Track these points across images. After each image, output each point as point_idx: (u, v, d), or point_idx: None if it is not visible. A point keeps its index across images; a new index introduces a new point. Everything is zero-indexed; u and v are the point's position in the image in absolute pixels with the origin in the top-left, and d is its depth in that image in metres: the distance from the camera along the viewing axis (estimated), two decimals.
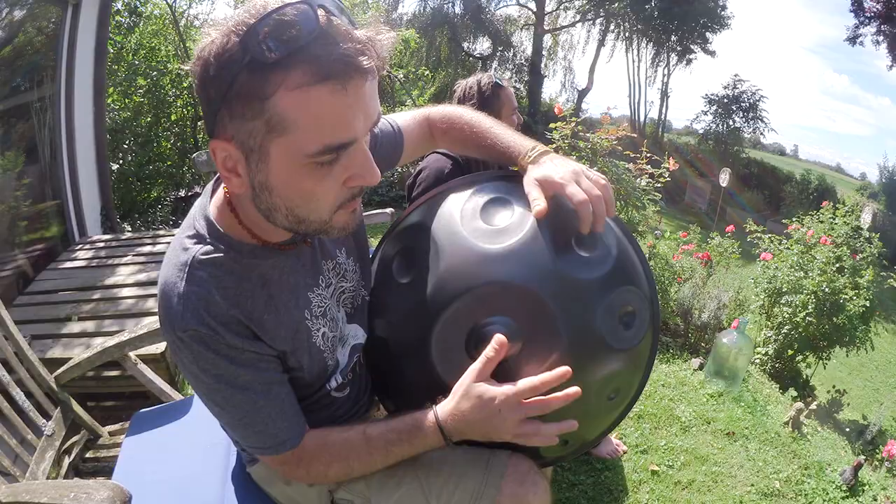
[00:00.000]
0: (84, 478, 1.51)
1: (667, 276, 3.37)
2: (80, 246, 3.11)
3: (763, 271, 3.05)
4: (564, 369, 0.80)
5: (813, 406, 2.36)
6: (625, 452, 2.08)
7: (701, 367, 2.71)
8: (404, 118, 1.10)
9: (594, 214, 0.83)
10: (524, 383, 0.79)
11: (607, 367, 0.89)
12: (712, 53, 18.07)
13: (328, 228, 0.73)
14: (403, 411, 0.86)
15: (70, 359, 1.62)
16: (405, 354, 0.94)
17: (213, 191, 0.81)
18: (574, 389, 0.80)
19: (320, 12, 0.58)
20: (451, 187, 1.01)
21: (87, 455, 1.61)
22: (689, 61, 18.29)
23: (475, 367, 0.80)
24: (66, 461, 1.56)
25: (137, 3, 6.52)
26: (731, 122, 18.21)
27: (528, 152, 0.94)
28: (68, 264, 2.81)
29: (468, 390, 0.80)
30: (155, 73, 5.92)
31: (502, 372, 0.84)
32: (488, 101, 1.92)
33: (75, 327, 2.21)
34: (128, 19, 6.42)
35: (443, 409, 0.82)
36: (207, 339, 0.73)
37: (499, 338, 0.80)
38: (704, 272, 3.46)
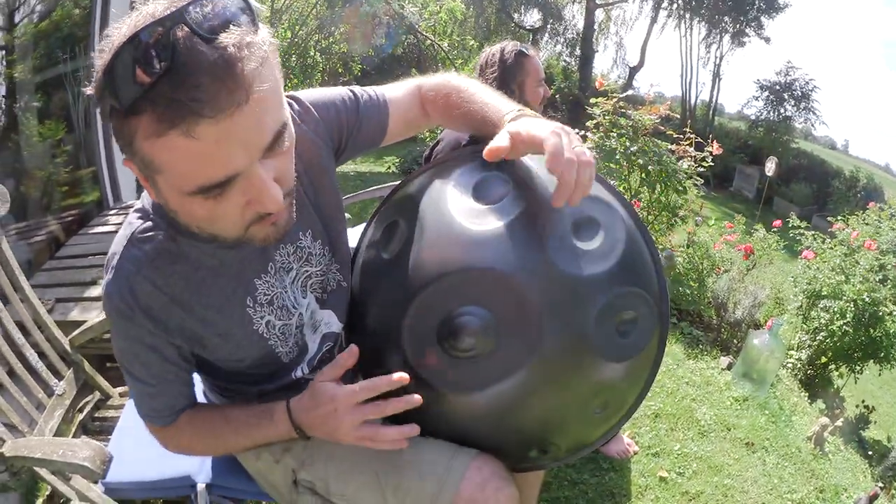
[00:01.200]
0: (90, 436, 1.62)
1: (706, 265, 3.28)
2: (114, 211, 3.26)
3: (804, 271, 2.92)
4: (400, 375, 0.78)
5: (839, 422, 2.27)
6: (635, 453, 2.04)
7: (729, 367, 2.64)
8: (394, 90, 1.04)
9: (577, 183, 0.73)
10: (362, 385, 0.79)
11: (593, 378, 0.84)
12: (767, 39, 17.61)
13: (247, 240, 0.72)
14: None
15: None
16: (379, 338, 0.90)
17: None
18: (414, 397, 0.78)
19: (175, 34, 0.54)
20: (455, 158, 0.96)
21: (97, 415, 1.71)
22: (742, 44, 17.67)
23: (328, 365, 0.83)
24: (78, 420, 1.68)
25: None
26: (782, 111, 17.68)
27: (509, 112, 0.89)
28: (99, 229, 2.95)
29: (314, 387, 0.83)
30: None
31: (472, 369, 0.80)
32: (511, 69, 1.86)
33: (97, 291, 2.34)
34: None
35: (295, 402, 0.86)
36: (125, 314, 0.78)
37: (352, 349, 0.82)
38: (745, 265, 3.34)
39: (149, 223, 0.78)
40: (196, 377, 0.98)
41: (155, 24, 0.54)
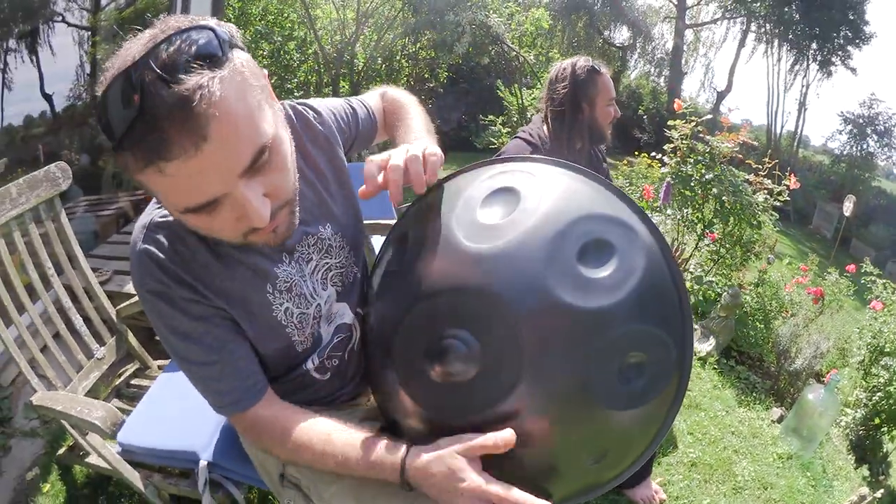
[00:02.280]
0: (122, 400, 1.77)
1: (774, 306, 3.11)
2: None
3: (870, 322, 2.71)
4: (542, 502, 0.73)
5: (878, 493, 2.08)
6: (662, 502, 1.97)
7: (780, 420, 2.50)
8: (372, 99, 1.16)
9: (409, 173, 0.81)
10: (501, 490, 0.75)
11: (587, 426, 0.78)
12: (853, 70, 16.59)
13: (251, 244, 0.78)
14: (377, 433, 0.86)
15: None
16: (378, 347, 0.93)
17: None
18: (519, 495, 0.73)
19: (140, 81, 0.60)
20: (477, 167, 0.95)
21: (132, 382, 1.86)
22: (828, 74, 16.70)
23: (469, 440, 0.77)
24: (114, 384, 1.84)
25: None
26: (864, 146, 16.48)
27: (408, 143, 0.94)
28: None
29: (446, 457, 0.77)
30: (279, 38, 6.44)
31: (454, 395, 0.78)
32: (582, 86, 1.85)
33: None
34: None
35: (413, 457, 0.80)
36: (164, 294, 0.81)
37: (508, 435, 0.75)
38: (814, 310, 3.14)
39: (164, 211, 0.84)
40: None
41: (130, 69, 0.61)
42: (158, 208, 0.85)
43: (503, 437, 0.74)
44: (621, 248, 0.78)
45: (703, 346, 3.02)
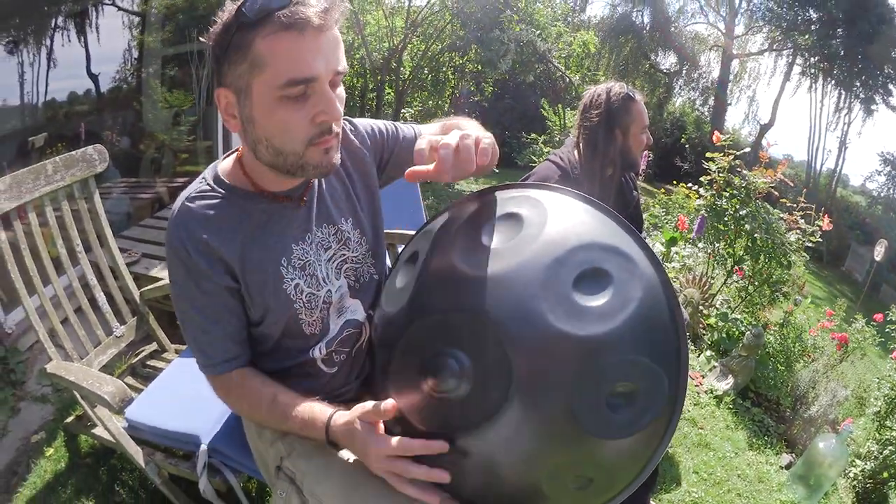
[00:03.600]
0: (136, 378, 1.83)
1: (796, 349, 3.03)
2: None
3: (891, 373, 2.62)
4: (441, 445, 0.82)
5: None
6: None
7: (788, 467, 2.43)
8: (430, 128, 1.23)
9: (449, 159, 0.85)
10: (396, 444, 0.85)
11: (571, 452, 0.79)
12: (895, 108, 15.97)
13: (304, 163, 0.91)
14: (316, 398, 0.99)
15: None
16: (379, 354, 0.98)
17: (229, 154, 1.05)
18: (442, 475, 0.82)
19: None
20: (490, 191, 0.98)
21: (149, 363, 1.93)
22: (870, 112, 16.28)
23: (369, 406, 0.89)
24: (130, 362, 1.91)
25: None
26: None
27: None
28: None
29: (351, 426, 0.90)
30: None
31: (443, 409, 0.81)
32: (616, 112, 1.84)
33: None
34: None
35: (335, 421, 0.93)
36: (183, 257, 0.94)
37: (388, 404, 0.86)
38: (836, 356, 3.05)
39: (206, 186, 0.99)
40: None
41: None
42: (200, 183, 0.99)
43: (390, 405, 0.86)
44: (618, 278, 0.79)
45: (721, 385, 2.96)
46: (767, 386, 3.03)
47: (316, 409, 0.96)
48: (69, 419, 1.71)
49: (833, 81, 16.61)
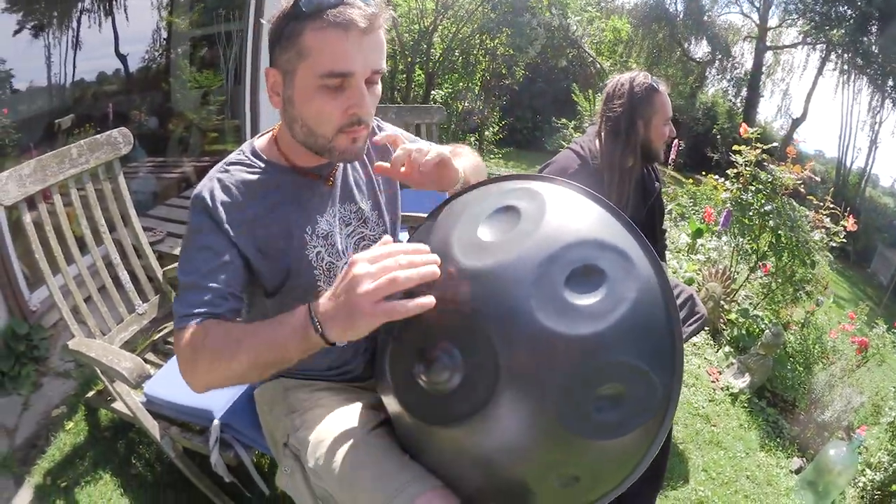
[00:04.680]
0: (156, 355, 1.88)
1: (815, 351, 2.97)
2: None
3: None
4: (432, 258, 0.80)
5: None
6: None
7: (798, 472, 2.40)
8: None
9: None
10: (383, 249, 0.80)
11: (556, 450, 0.79)
12: None
13: (332, 147, 0.99)
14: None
15: None
16: (379, 344, 0.99)
17: (266, 131, 1.15)
18: (432, 269, 0.78)
19: None
20: (492, 182, 0.99)
21: (170, 339, 1.97)
22: None
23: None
24: (152, 339, 1.96)
25: None
26: None
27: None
28: None
29: (343, 277, 0.81)
30: None
31: (435, 399, 0.82)
32: (639, 103, 1.81)
33: None
34: None
35: (316, 301, 0.84)
36: (206, 209, 1.00)
37: (386, 239, 0.84)
38: (855, 361, 2.99)
39: (242, 157, 1.08)
40: None
41: None
42: (238, 154, 1.09)
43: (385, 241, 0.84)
44: (613, 276, 0.78)
45: (737, 383, 2.93)
46: (784, 386, 3.00)
47: (290, 312, 0.87)
48: (90, 394, 1.77)
49: (866, 80, 16.09)
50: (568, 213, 0.86)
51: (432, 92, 7.59)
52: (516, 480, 0.84)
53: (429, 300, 0.76)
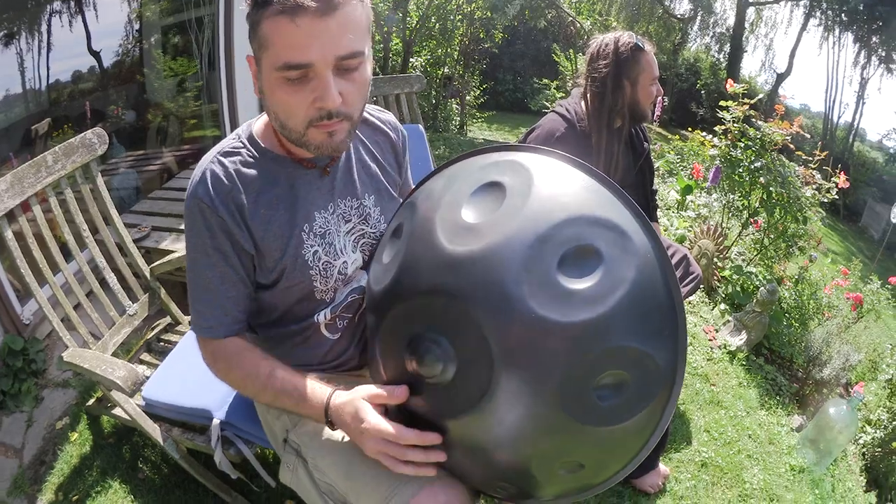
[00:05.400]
0: (152, 354, 1.87)
1: (811, 307, 3.00)
2: None
3: None
4: (434, 437, 0.84)
5: None
6: (666, 477, 1.98)
7: (799, 429, 2.43)
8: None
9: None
10: (392, 430, 0.86)
11: (557, 438, 0.78)
12: None
13: (305, 141, 0.94)
14: (313, 375, 1.01)
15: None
16: (370, 332, 0.98)
17: (264, 114, 1.07)
18: (429, 471, 0.85)
19: None
20: (474, 154, 0.94)
21: (163, 337, 1.97)
22: (890, 70, 15.75)
23: (375, 390, 0.90)
24: (146, 338, 1.95)
25: None
26: None
27: None
28: None
29: (355, 401, 0.91)
30: None
31: (431, 393, 0.81)
32: (625, 63, 1.76)
33: None
34: None
35: (335, 399, 0.95)
36: (205, 211, 0.96)
37: (400, 392, 0.87)
38: (851, 317, 3.02)
39: (238, 143, 1.02)
40: None
41: None
42: (233, 140, 1.03)
43: (397, 391, 0.87)
44: (610, 256, 0.73)
45: (734, 340, 2.95)
46: (781, 343, 3.03)
47: (316, 387, 0.97)
48: (90, 402, 1.76)
49: (852, 36, 16.00)
50: (556, 186, 0.81)
51: (410, 60, 7.46)
52: (520, 471, 0.83)
53: (438, 455, 0.86)
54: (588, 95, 1.85)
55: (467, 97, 8.50)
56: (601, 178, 0.84)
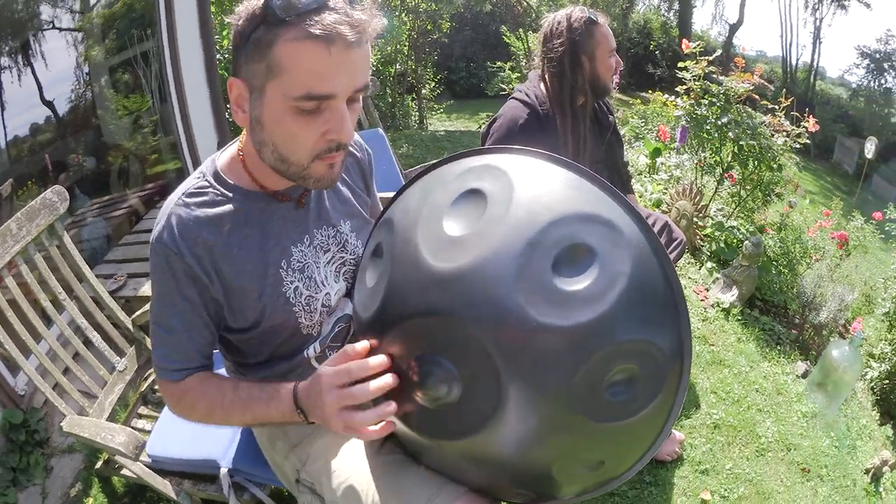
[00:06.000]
0: (149, 406, 1.83)
1: (797, 251, 3.05)
2: None
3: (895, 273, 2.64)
4: (380, 360, 0.82)
5: None
6: (681, 443, 1.99)
7: (804, 375, 2.47)
8: None
9: None
10: (341, 367, 0.84)
11: (574, 440, 0.77)
12: (867, 5, 16.71)
13: (306, 175, 0.89)
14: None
15: None
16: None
17: (229, 147, 1.03)
18: (386, 379, 0.81)
19: None
20: (445, 162, 0.91)
21: (157, 388, 1.92)
22: (843, 6, 16.49)
23: (334, 354, 0.89)
24: (140, 391, 1.91)
25: None
26: (882, 81, 16.48)
27: None
28: None
29: (317, 377, 0.88)
30: None
31: (441, 415, 0.79)
32: (580, 39, 1.75)
33: None
34: None
35: (302, 384, 0.92)
36: (171, 257, 0.91)
37: (363, 345, 0.85)
38: (838, 255, 3.07)
39: (203, 182, 0.96)
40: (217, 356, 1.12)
41: None
42: (198, 179, 0.97)
43: (359, 346, 0.85)
44: (603, 251, 0.72)
45: (726, 297, 2.98)
46: (773, 292, 3.07)
47: (282, 384, 0.94)
48: (98, 465, 1.72)
49: None
50: (537, 186, 0.78)
51: None
52: (541, 476, 0.82)
53: (388, 406, 0.82)
54: (546, 77, 1.83)
55: (423, 90, 8.50)
56: (580, 171, 0.82)
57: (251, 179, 0.97)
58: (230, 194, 0.95)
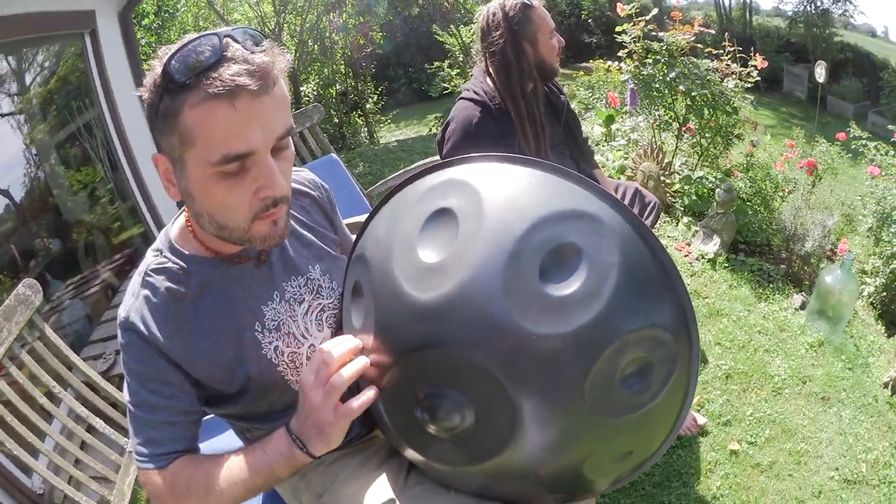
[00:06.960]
0: None
1: (768, 187, 3.11)
2: None
3: (872, 190, 2.70)
4: (354, 344, 0.81)
5: None
6: (703, 427, 1.99)
7: (803, 307, 2.52)
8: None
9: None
10: (316, 362, 0.82)
11: (599, 439, 0.76)
12: None
13: (250, 237, 0.84)
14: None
15: None
16: (372, 409, 0.89)
17: (178, 217, 0.97)
18: (361, 362, 0.80)
19: (226, 41, 0.73)
20: (406, 184, 0.87)
21: None
22: None
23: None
24: None
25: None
26: (818, 3, 16.47)
27: None
28: None
29: (304, 393, 0.84)
30: None
31: (460, 444, 0.78)
32: (518, 26, 1.74)
33: None
34: (155, 20, 7.08)
35: (292, 420, 0.87)
36: (140, 333, 0.87)
37: (329, 344, 0.83)
38: (810, 183, 3.14)
39: (162, 258, 0.92)
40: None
41: (214, 34, 0.73)
42: (156, 255, 0.92)
43: (324, 347, 0.83)
44: (588, 246, 0.70)
45: (709, 248, 3.02)
46: (753, 232, 3.12)
47: (267, 438, 0.89)
48: None
49: None
50: (505, 193, 0.75)
51: (301, 89, 7.36)
52: (573, 478, 0.82)
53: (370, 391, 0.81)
54: (492, 70, 1.82)
55: (367, 105, 8.48)
56: (542, 166, 0.80)
57: (204, 247, 0.92)
58: (188, 266, 0.91)
